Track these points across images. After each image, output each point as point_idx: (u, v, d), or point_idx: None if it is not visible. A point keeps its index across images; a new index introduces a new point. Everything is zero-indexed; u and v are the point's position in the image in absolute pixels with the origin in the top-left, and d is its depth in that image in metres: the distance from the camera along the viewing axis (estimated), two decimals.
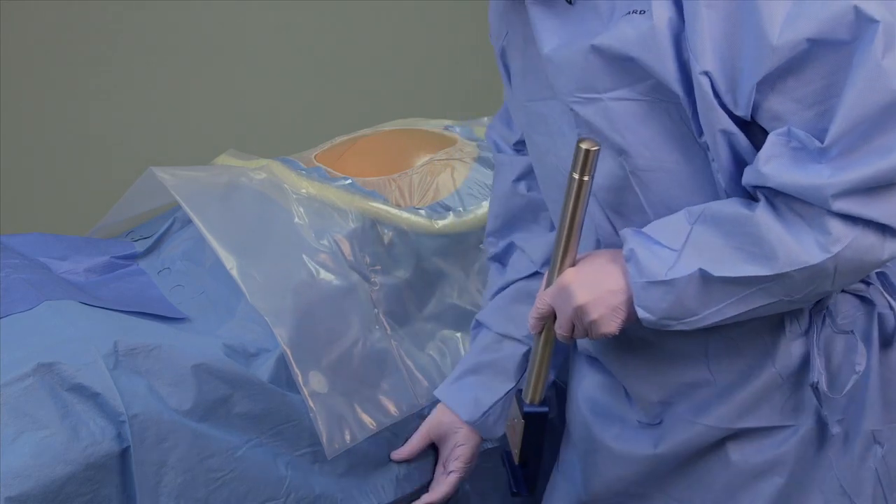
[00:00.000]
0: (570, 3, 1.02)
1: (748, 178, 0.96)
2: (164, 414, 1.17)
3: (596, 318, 1.03)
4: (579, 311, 1.04)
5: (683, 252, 0.97)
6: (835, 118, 0.88)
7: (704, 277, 0.96)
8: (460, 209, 1.51)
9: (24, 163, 2.39)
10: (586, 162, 1.00)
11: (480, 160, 1.61)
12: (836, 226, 0.90)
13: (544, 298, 1.09)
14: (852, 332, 1.05)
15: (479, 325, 1.35)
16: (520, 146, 1.36)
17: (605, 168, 1.04)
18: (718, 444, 1.12)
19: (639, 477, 1.18)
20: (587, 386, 1.26)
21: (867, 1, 0.85)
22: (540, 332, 1.13)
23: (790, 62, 0.89)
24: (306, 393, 1.30)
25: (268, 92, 2.66)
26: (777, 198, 0.93)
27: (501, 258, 1.37)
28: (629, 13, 0.96)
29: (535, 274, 1.32)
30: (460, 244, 1.50)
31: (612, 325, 1.03)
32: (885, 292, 1.08)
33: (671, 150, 1.00)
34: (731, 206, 0.97)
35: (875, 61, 0.85)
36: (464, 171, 1.58)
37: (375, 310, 1.42)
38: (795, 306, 1.00)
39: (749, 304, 0.97)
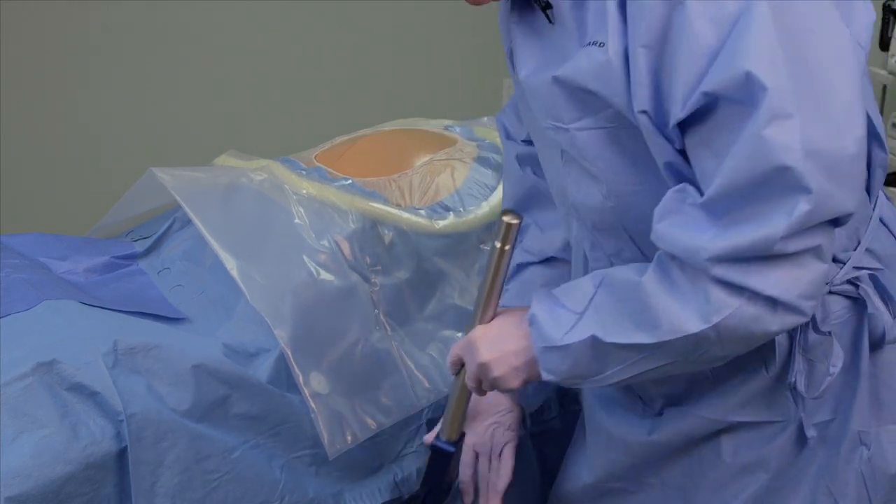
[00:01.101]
0: (551, 22, 1.02)
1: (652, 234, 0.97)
2: (163, 414, 1.17)
3: (497, 376, 1.08)
4: (482, 368, 1.09)
5: (584, 316, 1.00)
6: (716, 177, 0.89)
7: (596, 343, 0.98)
8: (460, 209, 1.51)
9: (24, 163, 2.40)
10: (508, 233, 1.08)
11: (480, 160, 1.61)
12: (718, 294, 0.89)
13: (455, 350, 1.14)
14: (829, 333, 1.04)
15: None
16: (528, 141, 1.36)
17: (584, 189, 1.06)
18: (713, 436, 1.13)
19: (636, 461, 1.19)
20: None
21: (766, 64, 0.84)
22: (457, 374, 1.17)
23: (696, 112, 0.89)
24: (307, 393, 1.29)
25: (268, 92, 2.66)
26: (674, 260, 0.94)
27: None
28: (588, 44, 0.97)
29: (550, 259, 1.31)
30: (461, 244, 1.50)
31: (513, 383, 1.08)
32: (876, 294, 1.07)
33: (642, 172, 1.01)
34: (626, 273, 0.99)
35: (756, 129, 0.85)
36: (464, 171, 1.58)
37: (376, 310, 1.41)
38: (701, 366, 1.01)
39: (645, 366, 0.98)
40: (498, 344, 1.08)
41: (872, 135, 1.06)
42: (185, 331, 1.33)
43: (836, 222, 0.90)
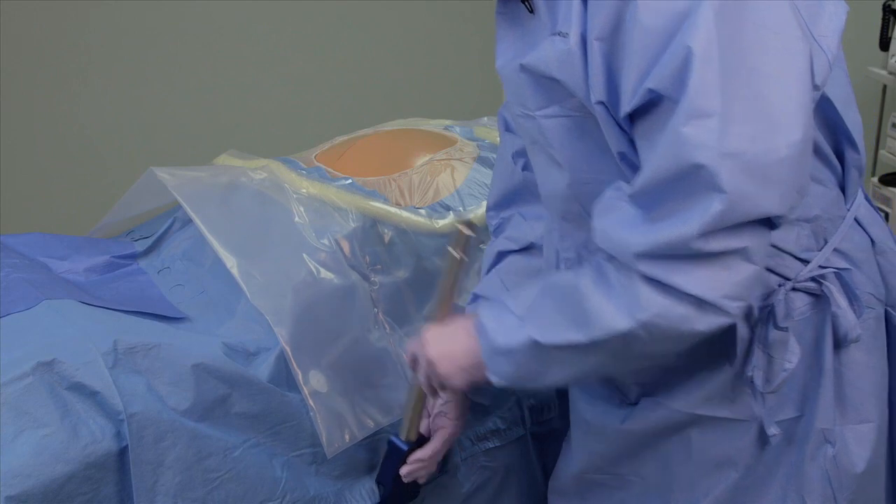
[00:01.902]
0: (531, 12, 1.03)
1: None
2: (163, 413, 1.17)
3: (442, 374, 1.12)
4: (430, 364, 1.14)
5: (526, 320, 1.03)
6: (643, 171, 0.90)
7: (535, 344, 1.01)
8: (460, 209, 1.51)
9: (25, 163, 2.40)
10: (466, 244, 1.16)
11: (480, 160, 1.61)
12: (646, 292, 0.90)
13: (409, 347, 1.20)
14: (787, 329, 1.05)
15: (475, 297, 1.36)
16: None
17: (551, 178, 1.08)
18: (683, 430, 1.13)
19: (612, 451, 1.21)
20: None
21: (698, 61, 0.85)
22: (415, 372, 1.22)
23: (641, 106, 0.91)
24: (306, 392, 1.30)
25: (268, 92, 2.66)
26: (611, 261, 0.95)
27: (498, 231, 1.38)
28: (553, 34, 0.98)
29: (531, 247, 1.33)
30: None
31: (457, 382, 1.12)
32: (841, 293, 1.07)
33: (607, 161, 1.02)
34: (566, 276, 1.02)
35: (676, 125, 0.86)
36: (464, 171, 1.58)
37: (375, 309, 1.41)
38: (643, 363, 1.01)
39: (584, 365, 1.00)
40: (446, 343, 1.13)
41: (844, 135, 1.07)
42: (185, 330, 1.33)
43: (768, 224, 0.90)
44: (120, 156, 2.48)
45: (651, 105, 0.90)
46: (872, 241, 1.13)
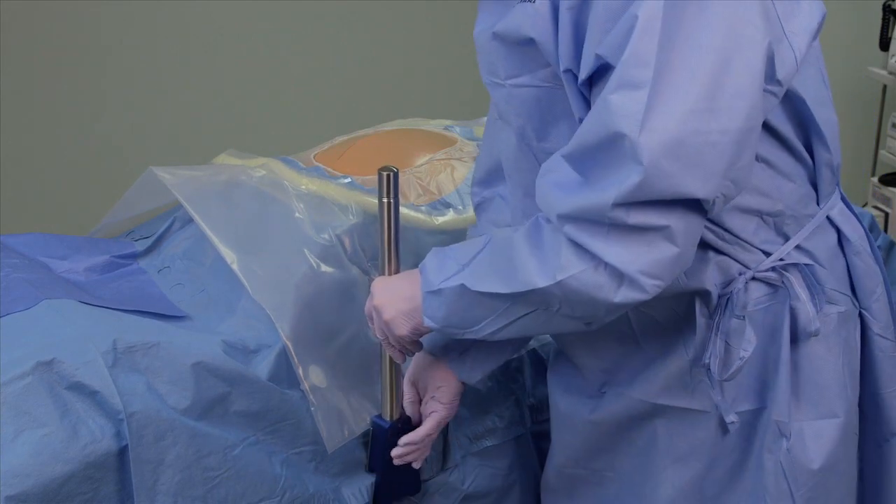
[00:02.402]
0: None
1: None
2: (163, 412, 1.17)
3: (388, 319, 1.14)
4: (377, 310, 1.16)
5: (465, 268, 1.04)
6: (576, 134, 0.91)
7: (464, 290, 1.03)
8: (460, 207, 1.51)
9: (25, 163, 2.40)
10: (389, 186, 1.20)
11: None
12: (568, 254, 0.91)
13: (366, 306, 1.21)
14: (743, 317, 1.05)
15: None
16: None
17: (512, 150, 1.10)
18: (649, 420, 1.14)
19: (585, 443, 1.22)
20: (556, 360, 1.29)
21: (639, 33, 0.85)
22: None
23: (594, 73, 0.91)
24: (307, 387, 1.30)
25: (268, 92, 2.66)
26: (550, 222, 0.96)
27: (480, 210, 1.37)
28: (522, 1, 0.99)
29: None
30: (459, 241, 1.50)
31: (402, 328, 1.14)
32: (802, 286, 1.07)
33: (571, 134, 1.02)
34: (507, 231, 1.04)
35: (606, 93, 0.87)
36: (463, 170, 1.58)
37: None
38: (569, 325, 1.01)
39: (511, 315, 1.01)
40: (391, 289, 1.16)
41: (816, 134, 1.06)
42: (186, 329, 1.33)
43: (697, 208, 0.89)
44: (120, 156, 2.48)
45: (601, 72, 0.90)
46: (848, 241, 1.12)
